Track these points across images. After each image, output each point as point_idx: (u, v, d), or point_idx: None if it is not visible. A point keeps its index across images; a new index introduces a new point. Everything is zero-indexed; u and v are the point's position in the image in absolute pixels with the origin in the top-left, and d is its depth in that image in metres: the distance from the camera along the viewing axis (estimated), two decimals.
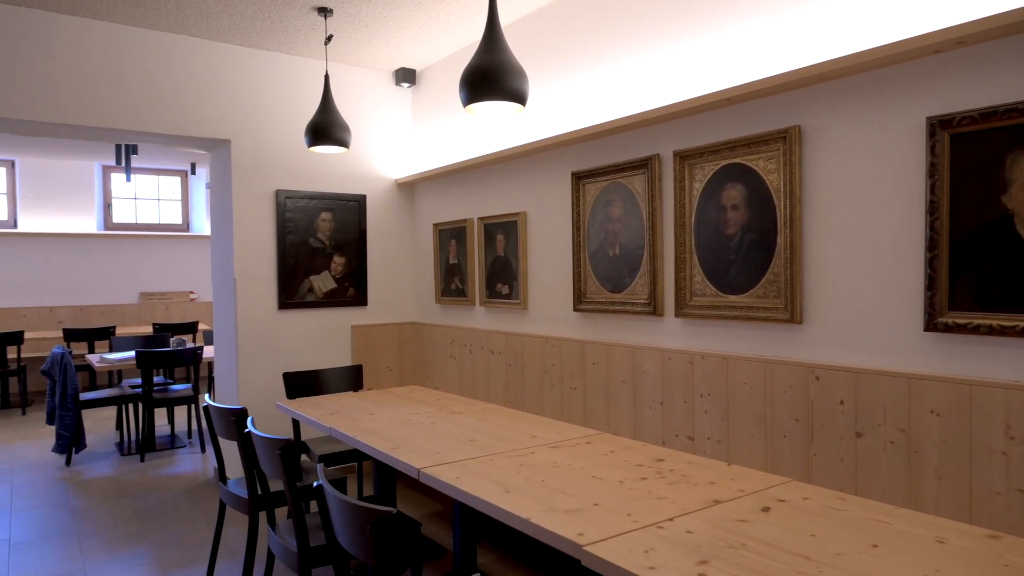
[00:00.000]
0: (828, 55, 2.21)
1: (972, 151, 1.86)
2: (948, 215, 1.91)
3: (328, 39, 3.72)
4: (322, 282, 4.24)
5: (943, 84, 1.93)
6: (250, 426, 2.44)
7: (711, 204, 2.57)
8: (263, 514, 3.78)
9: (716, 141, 2.55)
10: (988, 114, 1.81)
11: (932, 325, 1.95)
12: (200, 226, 8.62)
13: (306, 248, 4.17)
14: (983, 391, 1.85)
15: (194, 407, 5.90)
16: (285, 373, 3.59)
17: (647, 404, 2.85)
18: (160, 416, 6.31)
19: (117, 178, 8.18)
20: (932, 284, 1.95)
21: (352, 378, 3.83)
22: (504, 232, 3.71)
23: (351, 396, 3.48)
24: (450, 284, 4.20)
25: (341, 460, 3.36)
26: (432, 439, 2.56)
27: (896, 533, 1.62)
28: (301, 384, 3.65)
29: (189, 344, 5.44)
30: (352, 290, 4.36)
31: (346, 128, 3.40)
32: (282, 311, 4.11)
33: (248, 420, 2.50)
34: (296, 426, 3.47)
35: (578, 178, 3.18)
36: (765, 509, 1.78)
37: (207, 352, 5.49)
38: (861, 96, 2.12)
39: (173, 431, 5.60)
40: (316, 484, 1.75)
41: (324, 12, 3.47)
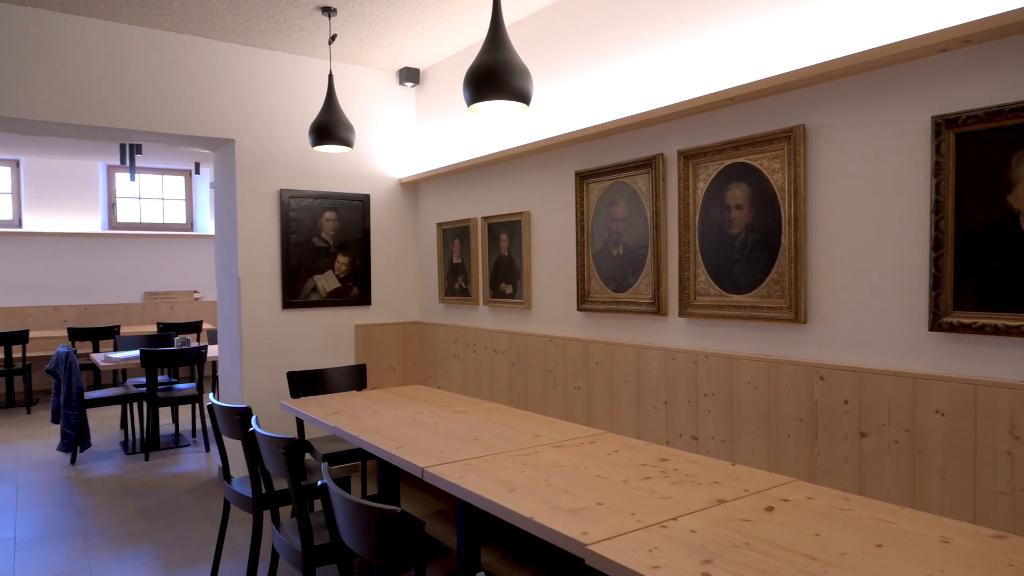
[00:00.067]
0: (832, 54, 2.20)
1: (978, 150, 1.85)
2: (953, 214, 1.90)
3: (332, 38, 3.73)
4: (326, 281, 4.25)
5: (948, 83, 1.92)
6: (254, 425, 2.45)
7: (715, 204, 2.57)
8: (267, 513, 3.79)
9: (720, 140, 2.54)
10: (994, 113, 1.80)
11: (937, 325, 1.95)
12: (204, 225, 8.64)
13: (310, 248, 4.18)
14: (988, 391, 1.84)
15: (198, 406, 5.92)
16: (289, 372, 3.60)
17: (651, 404, 2.85)
18: (164, 415, 6.33)
19: (121, 177, 8.21)
20: (937, 284, 1.94)
21: (356, 377, 3.84)
22: (508, 232, 3.71)
23: (355, 395, 3.49)
24: (454, 284, 4.20)
25: (345, 459, 3.37)
26: (436, 438, 2.56)
27: (900, 533, 1.62)
28: (305, 383, 3.66)
29: (193, 343, 5.46)
30: (356, 289, 4.36)
31: (350, 128, 3.40)
32: (286, 310, 4.12)
33: (252, 419, 2.50)
34: (300, 425, 3.48)
35: (582, 177, 3.18)
36: (769, 509, 1.78)
37: (211, 351, 5.51)
38: (866, 95, 2.12)
39: (177, 430, 5.62)
40: (320, 483, 1.75)
41: (328, 12, 3.48)
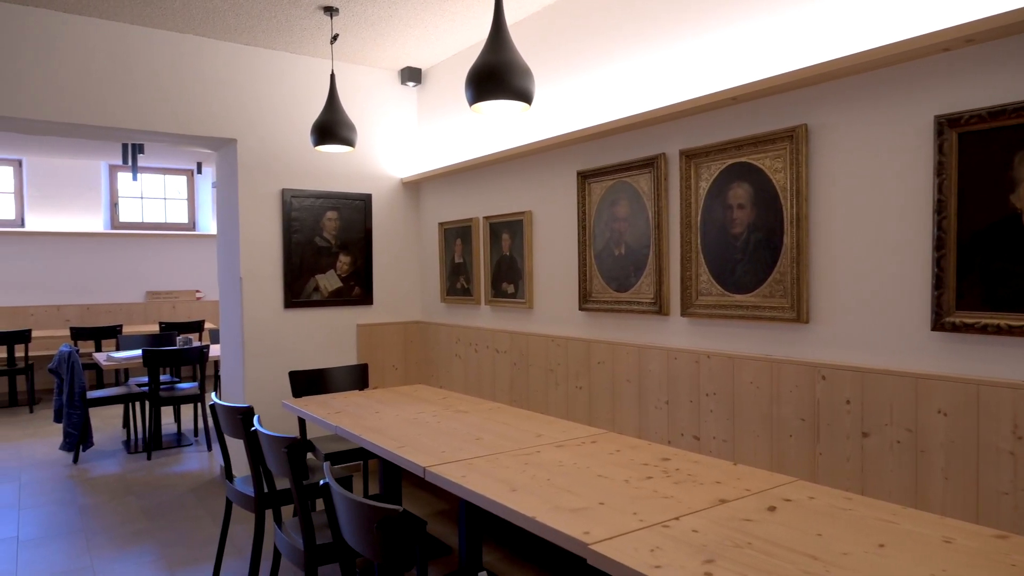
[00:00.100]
0: (835, 53, 2.20)
1: (980, 150, 1.85)
2: (956, 214, 1.90)
3: (334, 38, 3.73)
4: (328, 281, 4.25)
5: (951, 82, 1.92)
6: (256, 424, 2.45)
7: (717, 203, 2.57)
8: (269, 512, 3.79)
9: (722, 140, 2.54)
10: (997, 113, 1.80)
11: (939, 324, 1.94)
12: (206, 225, 8.65)
13: (312, 247, 4.18)
14: (991, 391, 1.84)
15: (200, 405, 5.93)
16: (291, 372, 3.60)
17: (653, 403, 2.85)
18: (166, 414, 6.34)
19: (124, 177, 8.22)
20: (940, 283, 1.94)
21: (358, 377, 3.84)
22: (510, 231, 3.71)
23: (357, 395, 3.49)
24: (455, 283, 4.20)
25: (347, 458, 3.37)
26: (438, 438, 2.56)
27: (903, 533, 1.62)
28: (307, 383, 3.66)
29: (195, 343, 5.46)
30: (358, 289, 4.36)
31: (352, 127, 3.40)
32: (288, 310, 4.12)
33: (254, 418, 2.50)
34: (302, 424, 3.48)
35: (584, 177, 3.18)
36: (771, 508, 1.78)
37: (213, 351, 5.51)
38: (868, 95, 2.12)
39: (179, 429, 5.63)
40: (323, 482, 1.76)
41: (330, 11, 3.48)
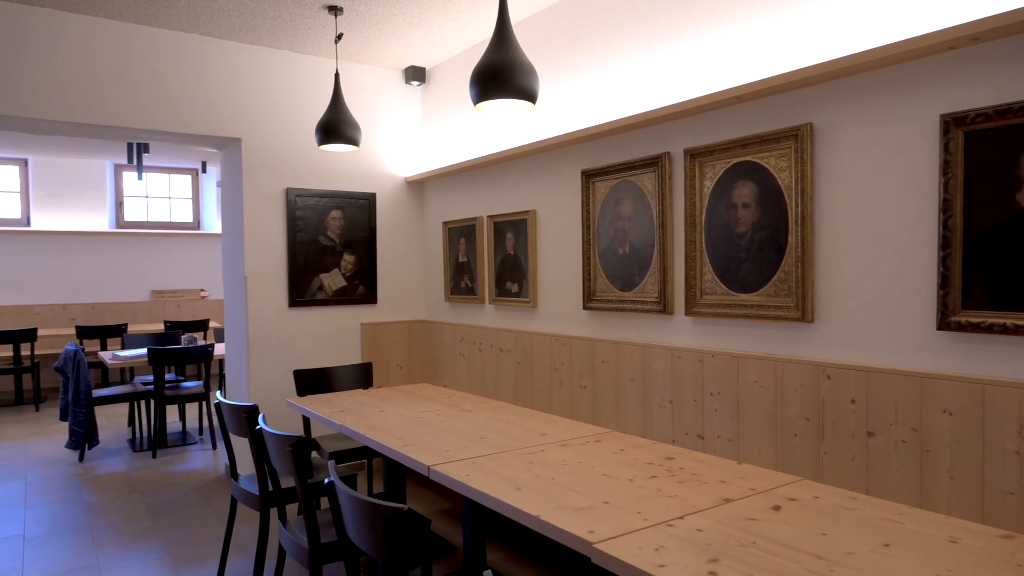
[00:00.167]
0: (840, 52, 2.20)
1: (986, 149, 1.84)
2: (962, 213, 1.90)
3: (338, 37, 3.73)
4: (332, 280, 4.26)
5: (957, 81, 1.91)
6: (261, 423, 2.46)
7: (722, 202, 2.56)
8: (274, 510, 3.80)
9: (727, 139, 2.54)
10: (1003, 111, 1.79)
11: (945, 324, 1.94)
12: (211, 224, 8.67)
13: (316, 246, 4.19)
14: (996, 390, 1.84)
15: (205, 404, 5.95)
16: (296, 371, 3.61)
17: (657, 403, 2.85)
18: (171, 413, 6.35)
19: (129, 176, 8.24)
20: (945, 283, 1.93)
21: (362, 376, 3.84)
22: (514, 230, 3.71)
23: (361, 394, 3.49)
24: (459, 282, 4.20)
25: (351, 457, 3.38)
26: (442, 437, 2.57)
27: (908, 533, 1.61)
28: (311, 381, 3.67)
29: (200, 341, 5.48)
30: (362, 288, 4.37)
31: (356, 126, 3.41)
32: (292, 309, 4.13)
33: (259, 417, 2.51)
34: (306, 423, 3.49)
35: (588, 176, 3.17)
36: (776, 508, 1.78)
37: (218, 349, 5.53)
38: (874, 93, 2.11)
39: (184, 428, 5.64)
40: (327, 481, 1.76)
41: (334, 10, 3.48)
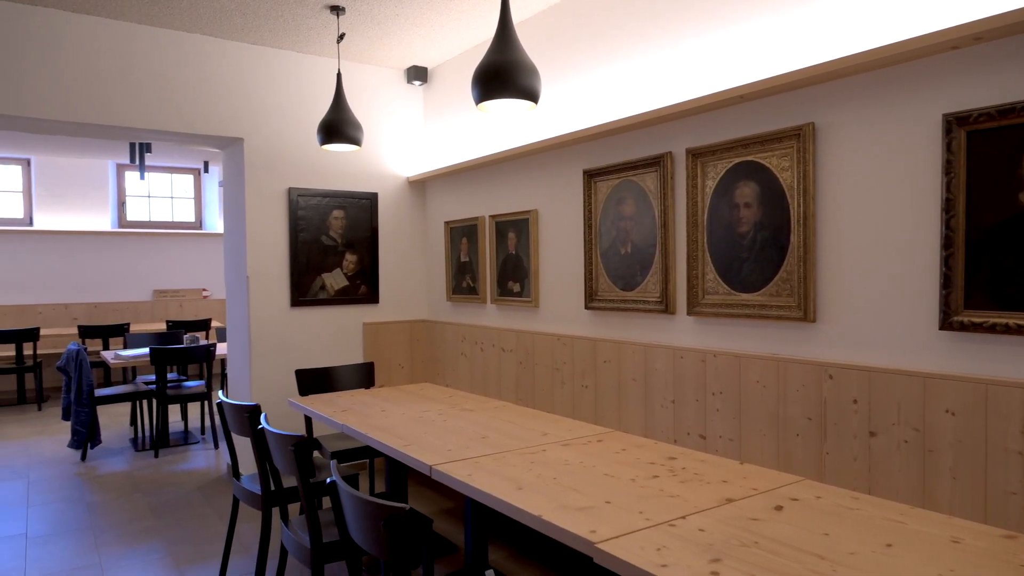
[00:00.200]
0: (842, 52, 2.19)
1: (989, 148, 1.84)
2: (964, 213, 1.89)
3: (340, 37, 3.74)
4: (334, 280, 4.26)
5: (960, 81, 1.91)
6: (263, 422, 2.46)
7: (724, 202, 2.56)
8: (276, 510, 3.80)
9: (729, 139, 2.54)
10: (1006, 111, 1.79)
11: (947, 324, 1.94)
12: (213, 224, 8.68)
13: (318, 246, 4.19)
14: (999, 390, 1.83)
15: (207, 403, 5.95)
16: (298, 370, 3.61)
17: (659, 402, 2.85)
18: (174, 412, 6.36)
19: (131, 176, 8.25)
20: (948, 282, 1.93)
21: (364, 375, 3.85)
22: (516, 230, 3.71)
23: (363, 393, 3.50)
24: (461, 282, 4.21)
25: (353, 457, 3.38)
26: (444, 436, 2.57)
27: (911, 533, 1.61)
28: (313, 381, 3.67)
29: (202, 341, 5.48)
30: (364, 288, 4.37)
31: (358, 126, 3.41)
32: (294, 308, 4.13)
33: (261, 417, 2.51)
34: (308, 423, 3.49)
35: (590, 176, 3.17)
36: (778, 508, 1.78)
37: (220, 349, 5.53)
38: (876, 93, 2.11)
39: (187, 427, 5.65)
40: (329, 480, 1.76)
41: (336, 10, 3.48)
